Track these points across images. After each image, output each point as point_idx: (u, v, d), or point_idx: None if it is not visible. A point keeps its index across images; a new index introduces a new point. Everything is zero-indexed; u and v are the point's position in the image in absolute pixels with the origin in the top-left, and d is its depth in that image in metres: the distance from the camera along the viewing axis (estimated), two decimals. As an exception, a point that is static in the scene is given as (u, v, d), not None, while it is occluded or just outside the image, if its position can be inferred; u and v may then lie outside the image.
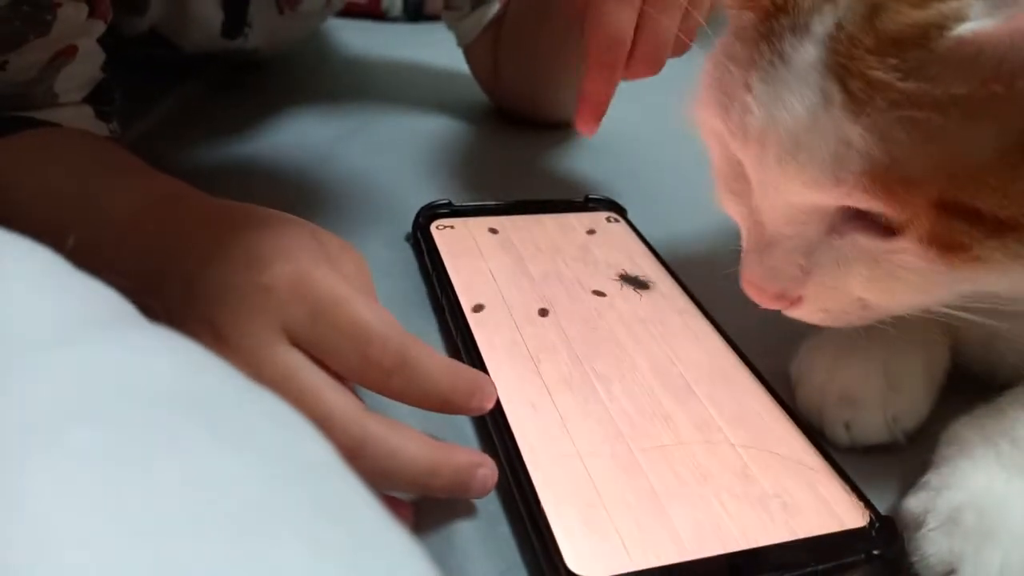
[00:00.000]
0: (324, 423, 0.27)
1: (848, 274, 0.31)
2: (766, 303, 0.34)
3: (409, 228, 0.48)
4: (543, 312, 0.40)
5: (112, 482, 0.13)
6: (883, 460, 0.35)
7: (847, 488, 0.32)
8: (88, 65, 0.44)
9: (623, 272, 0.36)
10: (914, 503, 0.31)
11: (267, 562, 0.13)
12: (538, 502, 0.30)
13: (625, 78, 0.44)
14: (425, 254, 0.45)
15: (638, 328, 0.40)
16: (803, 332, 0.40)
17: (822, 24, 0.28)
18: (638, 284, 0.36)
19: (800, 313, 0.34)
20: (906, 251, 0.29)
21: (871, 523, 0.31)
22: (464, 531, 0.30)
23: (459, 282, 0.42)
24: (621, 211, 0.51)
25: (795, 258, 0.32)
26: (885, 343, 0.37)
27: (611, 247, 0.47)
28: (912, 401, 0.36)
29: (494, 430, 0.33)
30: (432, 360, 0.29)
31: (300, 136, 0.59)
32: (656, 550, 0.28)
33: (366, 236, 0.48)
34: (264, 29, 0.63)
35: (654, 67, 0.44)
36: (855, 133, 0.28)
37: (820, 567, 0.29)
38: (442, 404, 0.30)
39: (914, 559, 0.30)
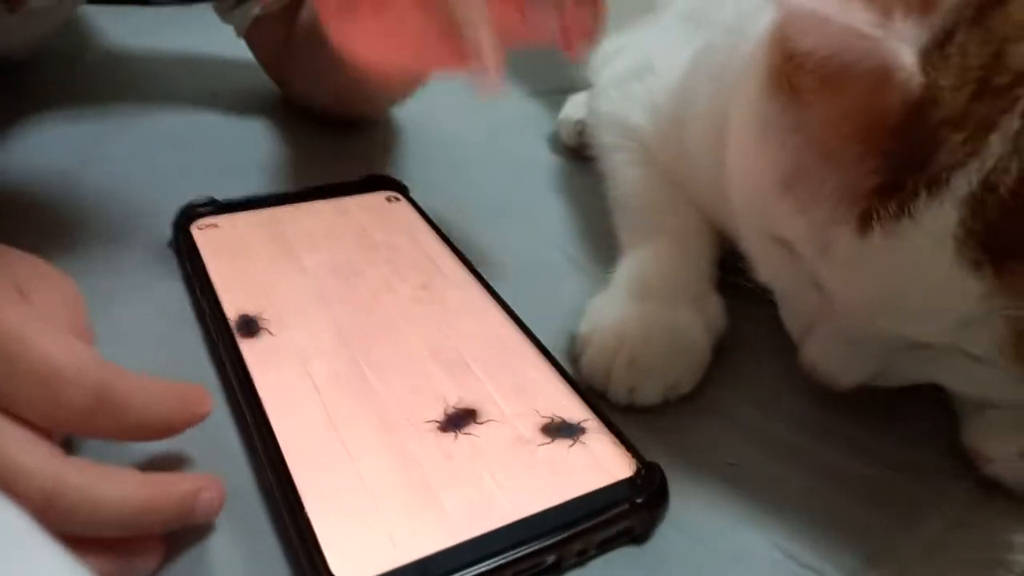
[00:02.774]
0: (11, 478, 0.24)
1: (929, 369, 0.31)
2: (836, 389, 0.33)
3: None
4: (315, 306, 0.39)
5: None
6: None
7: (616, 440, 0.33)
8: None
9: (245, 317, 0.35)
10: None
11: None
12: (301, 508, 0.28)
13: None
14: (186, 259, 0.42)
15: (416, 309, 0.39)
16: (584, 295, 0.41)
17: (965, 182, 0.24)
18: (257, 329, 0.35)
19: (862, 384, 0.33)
20: (1003, 371, 0.28)
21: (638, 471, 0.32)
22: (222, 548, 0.28)
23: (222, 286, 0.39)
24: (402, 189, 0.50)
25: (876, 362, 0.31)
26: (671, 303, 0.39)
27: (392, 228, 0.46)
28: (693, 367, 0.38)
29: (259, 442, 0.32)
30: (140, 389, 0.27)
31: (47, 144, 0.53)
32: (425, 539, 0.28)
33: (126, 245, 0.44)
34: (-5, 32, 0.56)
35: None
36: (1001, 310, 0.25)
37: (588, 524, 0.29)
38: (166, 431, 0.28)
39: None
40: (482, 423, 0.32)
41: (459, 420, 0.32)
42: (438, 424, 0.32)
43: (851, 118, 0.26)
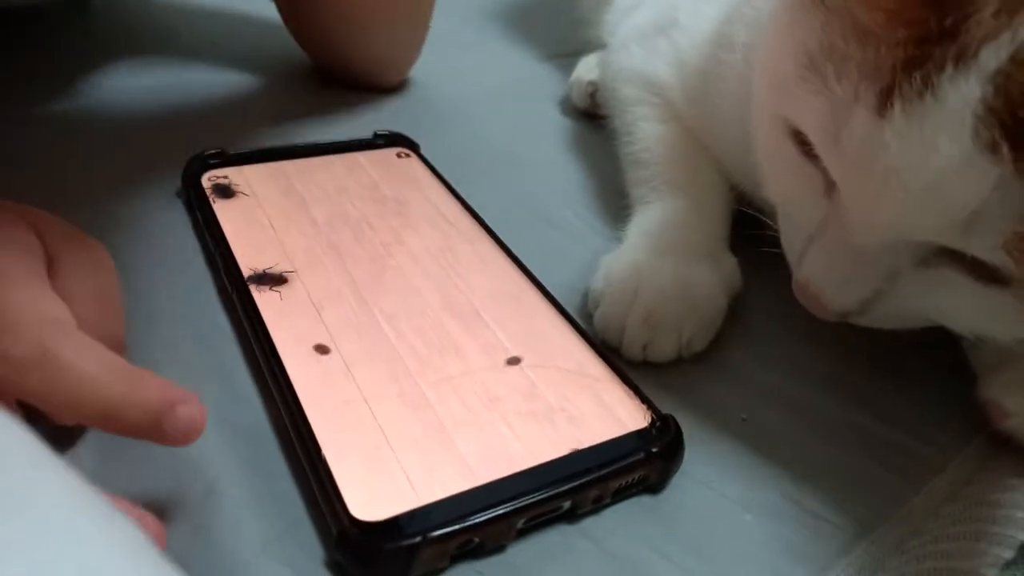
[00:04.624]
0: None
1: (928, 302, 0.29)
2: (824, 316, 0.31)
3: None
4: (327, 257, 0.38)
5: None
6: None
7: (630, 392, 0.33)
8: None
9: (258, 272, 0.36)
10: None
11: None
12: (319, 451, 0.28)
13: None
14: (196, 209, 0.41)
15: (429, 263, 0.39)
16: (595, 253, 0.41)
17: (994, 56, 0.23)
18: (275, 281, 0.35)
19: (855, 321, 0.31)
20: (1009, 300, 0.27)
21: (652, 422, 0.32)
22: (239, 491, 0.28)
23: (234, 235, 0.39)
24: (413, 146, 0.49)
25: (876, 281, 0.29)
26: (687, 260, 0.39)
27: (403, 183, 0.46)
28: (708, 324, 0.38)
29: (272, 383, 0.32)
30: (95, 360, 0.25)
31: (53, 94, 0.53)
32: (443, 482, 0.28)
33: (134, 195, 0.44)
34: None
35: None
36: (1018, 194, 0.24)
37: (603, 472, 0.29)
38: (105, 416, 0.24)
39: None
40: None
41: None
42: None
43: None
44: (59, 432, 0.27)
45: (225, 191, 0.42)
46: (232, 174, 0.43)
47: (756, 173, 0.35)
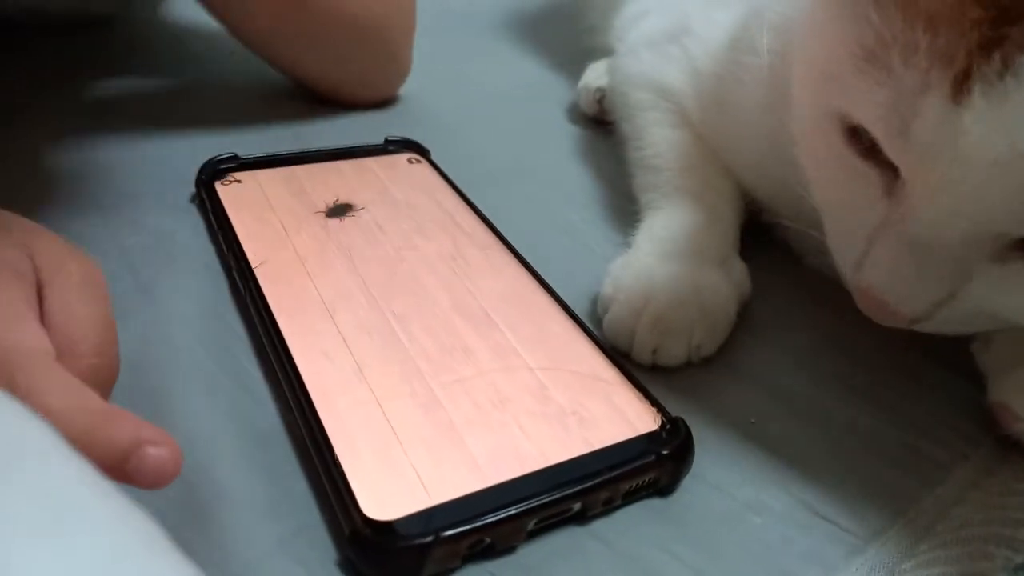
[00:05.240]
0: None
1: (1003, 300, 0.28)
2: (891, 323, 0.29)
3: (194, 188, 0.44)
4: (339, 260, 0.39)
5: None
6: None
7: (640, 396, 0.33)
8: None
9: (328, 205, 0.36)
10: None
11: None
12: (331, 451, 0.29)
13: None
14: (210, 213, 0.42)
15: (440, 266, 0.39)
16: (603, 259, 0.41)
17: None
18: (341, 211, 0.36)
19: (919, 327, 0.29)
20: None
21: (662, 425, 0.32)
22: (251, 491, 0.29)
23: (247, 238, 0.39)
24: (423, 151, 0.50)
25: (948, 282, 0.27)
26: (698, 264, 0.39)
27: (413, 188, 0.46)
28: (718, 328, 0.38)
29: (285, 383, 0.32)
30: (64, 395, 0.24)
31: (67, 103, 0.53)
32: (455, 482, 0.28)
33: (147, 201, 0.44)
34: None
35: None
36: None
37: (614, 473, 0.30)
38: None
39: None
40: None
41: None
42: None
43: None
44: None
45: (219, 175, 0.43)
46: (245, 178, 0.44)
47: (773, 178, 0.35)
